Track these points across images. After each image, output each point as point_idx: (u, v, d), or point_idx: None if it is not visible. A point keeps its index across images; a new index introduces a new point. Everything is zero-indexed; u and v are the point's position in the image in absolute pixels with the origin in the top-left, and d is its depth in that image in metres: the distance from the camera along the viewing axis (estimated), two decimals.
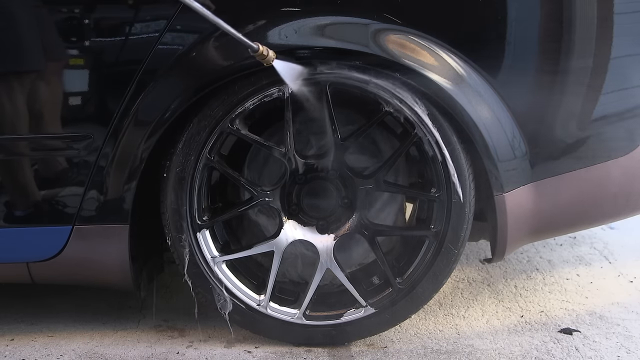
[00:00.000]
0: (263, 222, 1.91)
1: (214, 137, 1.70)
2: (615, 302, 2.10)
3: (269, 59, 1.56)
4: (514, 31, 1.67)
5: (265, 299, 1.79)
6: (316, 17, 1.63)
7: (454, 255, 1.76)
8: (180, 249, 1.76)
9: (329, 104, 1.67)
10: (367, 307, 1.79)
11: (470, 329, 1.94)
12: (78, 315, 2.05)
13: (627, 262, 2.43)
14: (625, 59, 1.73)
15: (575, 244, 2.61)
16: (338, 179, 1.76)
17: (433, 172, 1.72)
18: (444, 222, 1.74)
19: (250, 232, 1.94)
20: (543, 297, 2.14)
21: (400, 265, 1.84)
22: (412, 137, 1.70)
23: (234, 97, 1.67)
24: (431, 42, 1.64)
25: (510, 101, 1.68)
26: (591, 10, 1.68)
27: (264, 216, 1.91)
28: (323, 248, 1.77)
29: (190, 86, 1.65)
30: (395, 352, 1.81)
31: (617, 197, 1.86)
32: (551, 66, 1.70)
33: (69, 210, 1.73)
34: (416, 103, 1.65)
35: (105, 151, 1.67)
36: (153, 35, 1.63)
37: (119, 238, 1.73)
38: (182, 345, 1.87)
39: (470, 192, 1.73)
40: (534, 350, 1.81)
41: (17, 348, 1.86)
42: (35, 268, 1.77)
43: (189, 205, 1.73)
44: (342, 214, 1.79)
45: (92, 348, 1.86)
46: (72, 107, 1.72)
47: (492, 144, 1.67)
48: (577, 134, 1.75)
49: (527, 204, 1.75)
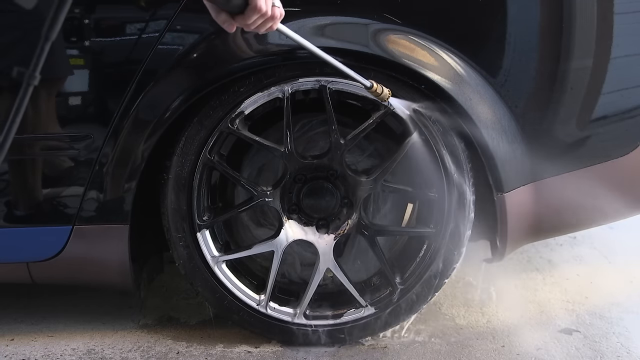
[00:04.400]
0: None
1: (214, 137, 1.70)
2: (615, 302, 2.10)
3: (384, 96, 1.59)
4: (514, 31, 1.67)
5: (265, 299, 1.79)
6: (316, 17, 1.64)
7: (453, 256, 1.76)
8: (180, 249, 1.76)
9: (330, 104, 1.67)
10: (367, 306, 1.79)
11: (470, 329, 1.94)
12: (78, 315, 2.05)
13: (627, 262, 2.43)
14: (625, 59, 1.73)
15: (575, 244, 2.61)
16: (338, 179, 1.76)
17: (433, 172, 1.72)
18: (444, 222, 1.74)
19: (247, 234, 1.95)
20: (543, 297, 2.14)
21: (400, 265, 1.84)
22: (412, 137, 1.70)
23: (234, 97, 1.67)
24: (431, 42, 1.64)
25: (510, 101, 1.68)
26: (591, 10, 1.68)
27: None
28: (323, 248, 1.78)
29: (190, 86, 1.65)
30: (395, 352, 1.81)
31: (617, 197, 1.86)
32: (551, 66, 1.70)
33: (69, 210, 1.73)
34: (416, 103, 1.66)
35: (105, 151, 1.67)
36: (153, 35, 1.63)
37: (119, 238, 1.73)
38: (182, 345, 1.87)
39: (470, 192, 1.73)
40: (533, 350, 1.81)
41: (17, 348, 1.86)
42: (35, 268, 1.77)
43: (188, 205, 1.74)
44: (342, 213, 1.79)
45: (92, 348, 1.86)
46: (72, 107, 1.72)
47: (492, 143, 1.67)
48: (577, 134, 1.75)
49: (527, 204, 1.75)
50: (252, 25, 1.25)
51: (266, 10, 1.23)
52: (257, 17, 1.23)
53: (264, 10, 1.22)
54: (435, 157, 1.70)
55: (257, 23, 1.25)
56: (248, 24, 1.24)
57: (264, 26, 1.27)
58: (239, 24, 1.25)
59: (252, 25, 1.25)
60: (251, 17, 1.22)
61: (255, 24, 1.25)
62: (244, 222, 1.94)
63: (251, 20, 1.23)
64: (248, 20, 1.23)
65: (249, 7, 1.22)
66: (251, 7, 1.21)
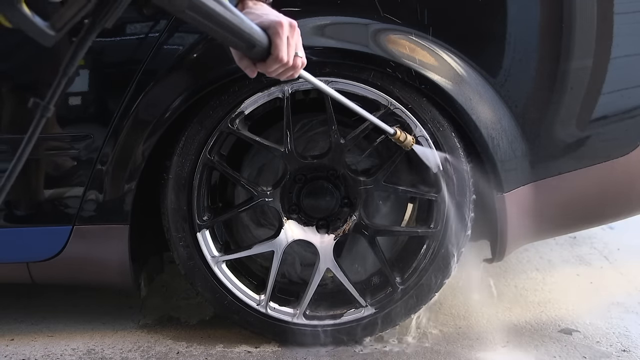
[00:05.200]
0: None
1: (214, 137, 1.70)
2: (615, 302, 2.10)
3: (407, 144, 1.61)
4: (514, 31, 1.67)
5: (265, 299, 1.79)
6: (316, 17, 1.64)
7: (453, 255, 1.76)
8: (180, 249, 1.76)
9: (330, 104, 1.67)
10: (367, 306, 1.79)
11: (470, 329, 1.94)
12: (78, 315, 2.05)
13: (627, 262, 2.43)
14: (625, 59, 1.73)
15: (575, 244, 2.61)
16: (338, 179, 1.76)
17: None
18: (444, 222, 1.74)
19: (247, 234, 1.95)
20: (543, 297, 2.14)
21: (400, 265, 1.84)
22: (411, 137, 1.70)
23: (234, 97, 1.67)
24: (431, 42, 1.64)
25: (510, 101, 1.68)
26: (591, 10, 1.68)
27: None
28: (323, 248, 1.78)
29: (190, 86, 1.65)
30: (395, 352, 1.81)
31: (617, 197, 1.86)
32: (551, 66, 1.70)
33: (69, 210, 1.73)
34: (416, 103, 1.66)
35: (105, 151, 1.67)
36: (153, 35, 1.63)
37: (119, 238, 1.73)
38: (182, 345, 1.87)
39: (470, 192, 1.73)
40: (533, 350, 1.81)
41: (17, 348, 1.86)
42: (35, 268, 1.76)
43: (189, 205, 1.73)
44: (342, 213, 1.79)
45: (92, 348, 1.86)
46: (72, 107, 1.72)
47: (492, 143, 1.67)
48: (577, 134, 1.75)
49: (527, 204, 1.75)
50: (274, 73, 1.27)
51: (287, 61, 1.25)
52: (279, 67, 1.24)
53: (285, 60, 1.24)
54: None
55: (278, 71, 1.26)
56: (269, 72, 1.26)
57: (285, 74, 1.29)
58: (260, 70, 1.27)
59: (274, 73, 1.27)
60: (272, 66, 1.24)
61: (277, 72, 1.27)
62: (244, 222, 1.94)
63: (272, 68, 1.25)
64: (269, 68, 1.25)
65: (271, 56, 1.23)
66: (273, 57, 1.23)
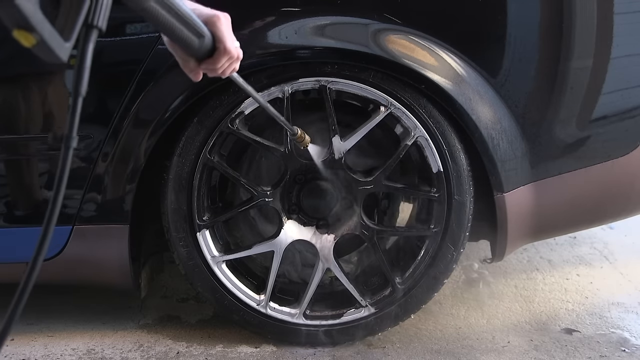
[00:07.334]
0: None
1: (214, 137, 1.70)
2: (615, 302, 2.10)
3: (305, 142, 1.65)
4: (514, 31, 1.67)
5: (265, 299, 1.79)
6: (316, 17, 1.64)
7: (453, 255, 1.76)
8: (180, 249, 1.76)
9: (330, 104, 1.67)
10: (367, 306, 1.79)
11: (470, 329, 1.94)
12: (78, 315, 2.05)
13: (627, 262, 2.43)
14: (625, 59, 1.73)
15: (575, 244, 2.61)
16: (338, 179, 1.76)
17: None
18: (444, 222, 1.74)
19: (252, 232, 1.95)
20: (543, 297, 2.15)
21: (400, 265, 1.84)
22: (412, 137, 1.70)
23: (234, 97, 1.67)
24: (431, 42, 1.64)
25: (510, 101, 1.68)
26: (591, 10, 1.68)
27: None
28: (323, 248, 1.77)
29: (190, 86, 1.65)
30: (395, 352, 1.81)
31: (617, 197, 1.86)
32: (551, 66, 1.70)
33: (69, 210, 1.72)
34: (416, 103, 1.66)
35: (105, 151, 1.67)
36: (153, 35, 1.63)
37: (119, 238, 1.73)
38: (182, 345, 1.87)
39: (470, 192, 1.73)
40: (533, 350, 1.81)
41: (17, 348, 1.86)
42: None
43: (188, 205, 1.73)
44: (342, 214, 1.79)
45: (92, 348, 1.86)
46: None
47: (492, 143, 1.67)
48: (577, 134, 1.75)
49: (527, 204, 1.75)
50: (220, 69, 1.18)
51: (234, 52, 1.17)
52: (226, 60, 1.17)
53: (233, 52, 1.17)
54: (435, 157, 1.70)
55: (224, 66, 1.18)
56: (216, 68, 1.17)
57: (230, 68, 1.21)
58: (205, 69, 1.18)
59: (220, 69, 1.18)
60: (220, 60, 1.16)
61: (223, 67, 1.18)
62: (250, 218, 1.94)
63: (220, 63, 1.17)
64: (218, 63, 1.16)
65: (218, 50, 1.15)
66: (220, 50, 1.15)
